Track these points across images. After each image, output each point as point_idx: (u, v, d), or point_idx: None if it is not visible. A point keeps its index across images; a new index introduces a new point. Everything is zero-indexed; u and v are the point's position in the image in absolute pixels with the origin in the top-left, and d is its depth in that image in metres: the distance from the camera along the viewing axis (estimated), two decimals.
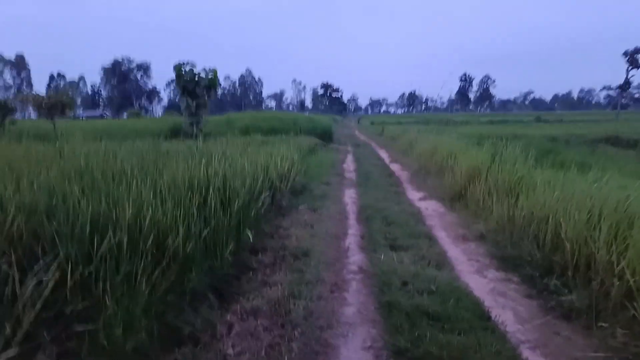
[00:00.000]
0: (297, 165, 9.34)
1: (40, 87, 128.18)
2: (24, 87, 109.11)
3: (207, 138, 17.23)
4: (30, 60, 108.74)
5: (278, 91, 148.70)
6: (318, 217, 6.57)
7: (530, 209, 5.12)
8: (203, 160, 5.44)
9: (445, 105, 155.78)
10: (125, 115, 74.04)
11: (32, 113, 17.83)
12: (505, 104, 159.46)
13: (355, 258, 4.84)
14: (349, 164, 13.78)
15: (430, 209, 7.43)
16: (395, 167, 12.88)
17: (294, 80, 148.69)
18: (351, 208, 7.37)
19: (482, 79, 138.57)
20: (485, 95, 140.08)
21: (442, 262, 4.59)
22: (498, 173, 6.93)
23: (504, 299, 3.87)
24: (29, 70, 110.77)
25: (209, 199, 4.38)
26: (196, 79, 17.89)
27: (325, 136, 21.37)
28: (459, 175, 7.95)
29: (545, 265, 4.21)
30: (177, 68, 17.85)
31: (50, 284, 2.52)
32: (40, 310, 2.46)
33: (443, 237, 5.79)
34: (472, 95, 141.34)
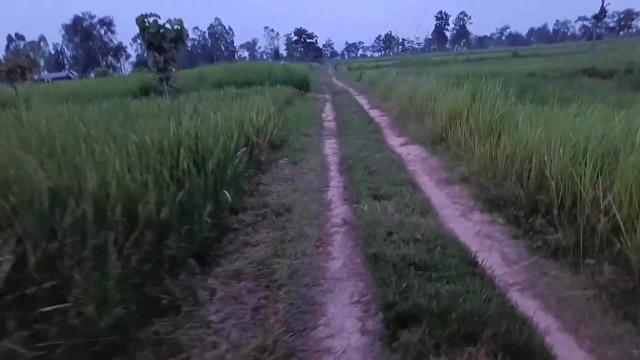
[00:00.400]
0: (275, 118, 9.04)
1: None
2: None
3: (179, 94, 16.60)
4: None
5: (250, 40, 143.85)
6: (299, 171, 6.40)
7: (512, 148, 5.03)
8: (172, 120, 5.13)
9: (422, 46, 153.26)
10: (92, 75, 70.91)
11: None
12: (482, 40, 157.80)
13: (339, 210, 4.73)
14: (328, 113, 13.48)
15: (412, 154, 7.32)
16: (374, 113, 12.65)
17: (267, 28, 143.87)
18: (332, 159, 7.21)
19: (458, 16, 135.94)
20: (461, 33, 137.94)
21: (426, 208, 4.52)
22: (479, 113, 6.79)
23: (490, 241, 3.84)
24: None
25: (180, 161, 4.15)
26: (161, 31, 16.94)
27: (302, 85, 20.77)
28: (440, 118, 7.80)
29: (530, 205, 4.16)
30: (140, 20, 16.78)
31: (9, 264, 2.33)
32: (1, 293, 2.29)
33: (426, 182, 5.71)
34: (448, 34, 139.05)
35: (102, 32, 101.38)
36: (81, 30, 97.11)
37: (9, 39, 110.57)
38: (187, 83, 19.62)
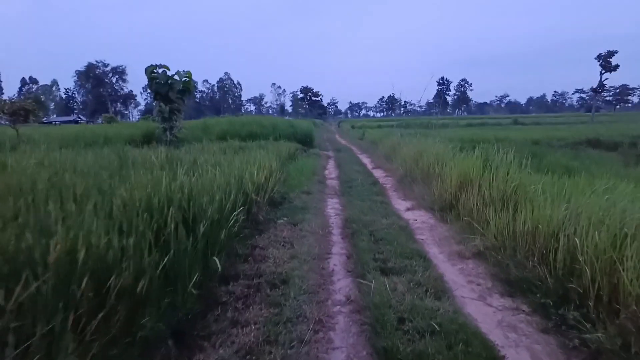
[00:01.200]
0: (276, 174, 8.70)
1: (11, 91, 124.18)
2: None
3: (182, 144, 16.46)
4: (0, 64, 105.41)
5: (258, 95, 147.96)
6: (299, 233, 5.94)
7: (534, 222, 4.60)
8: (165, 174, 4.75)
9: (423, 109, 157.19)
10: (100, 120, 72.02)
11: None
12: (482, 106, 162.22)
13: (342, 284, 4.23)
14: (331, 170, 13.20)
15: (419, 220, 6.89)
16: (378, 174, 12.36)
17: (274, 84, 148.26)
18: (335, 221, 6.77)
19: (459, 83, 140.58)
20: (462, 98, 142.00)
21: (440, 288, 4.01)
22: (491, 181, 6.43)
23: (516, 335, 3.31)
24: None
25: (168, 221, 3.71)
26: (169, 82, 17.08)
27: (306, 141, 20.75)
28: (449, 183, 7.44)
29: (559, 292, 3.67)
30: (149, 71, 16.97)
31: None
32: None
33: (437, 254, 5.23)
34: (449, 99, 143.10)
35: (114, 80, 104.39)
36: (93, 77, 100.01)
37: (23, 81, 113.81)
38: (191, 133, 19.59)
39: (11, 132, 15.96)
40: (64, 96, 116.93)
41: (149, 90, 17.60)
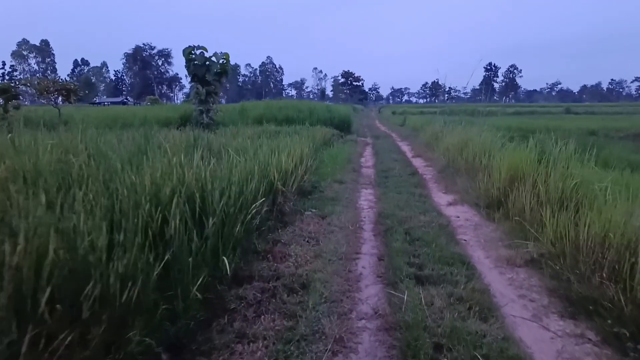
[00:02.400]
0: (308, 161, 8.20)
1: (64, 72, 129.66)
2: (49, 72, 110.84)
3: (218, 128, 16.27)
4: (54, 46, 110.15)
5: (299, 79, 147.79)
6: (326, 227, 5.42)
7: (602, 229, 3.87)
8: (176, 159, 4.32)
9: (469, 96, 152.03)
10: (145, 102, 74.02)
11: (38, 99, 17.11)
12: (531, 94, 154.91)
13: (370, 292, 3.68)
14: (368, 158, 12.55)
15: (462, 217, 6.20)
16: (418, 163, 11.60)
17: (315, 69, 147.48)
18: (367, 215, 6.20)
19: (508, 69, 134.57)
20: (511, 85, 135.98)
21: (486, 305, 3.39)
22: (548, 176, 5.66)
23: None
24: (54, 56, 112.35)
25: (173, 213, 3.27)
26: (207, 64, 16.83)
27: (344, 126, 20.11)
28: (497, 177, 6.67)
29: (638, 320, 2.97)
30: (187, 52, 16.75)
31: None
32: None
33: (482, 259, 4.57)
34: (497, 86, 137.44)
35: (160, 62, 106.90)
36: (140, 60, 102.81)
37: (75, 63, 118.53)
38: (228, 116, 19.41)
39: (54, 111, 16.28)
40: (113, 78, 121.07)
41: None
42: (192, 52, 16.76)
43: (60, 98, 16.23)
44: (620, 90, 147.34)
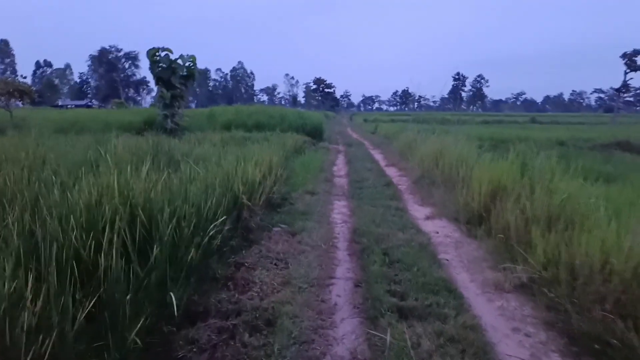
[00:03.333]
0: (278, 171, 7.66)
1: (25, 74, 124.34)
2: (8, 73, 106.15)
3: (182, 133, 15.51)
4: (15, 47, 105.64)
5: (270, 85, 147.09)
6: (297, 247, 4.89)
7: (602, 254, 3.50)
8: (132, 171, 3.72)
9: (437, 104, 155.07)
10: (110, 105, 71.71)
11: None
12: (497, 104, 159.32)
13: (346, 329, 3.17)
14: (340, 167, 12.10)
15: (442, 233, 5.79)
16: (392, 172, 11.23)
17: (287, 75, 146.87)
18: (341, 231, 5.71)
19: (475, 79, 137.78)
20: (478, 94, 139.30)
21: (480, 345, 2.93)
22: (533, 191, 5.32)
23: None
24: (14, 57, 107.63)
25: (105, 240, 2.68)
26: (172, 66, 16.07)
27: (316, 133, 19.63)
28: (477, 191, 6.30)
29: None
30: (151, 54, 15.96)
31: None
32: None
33: (467, 284, 4.14)
34: (464, 95, 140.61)
35: (127, 65, 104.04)
36: (106, 62, 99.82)
37: (37, 64, 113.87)
38: (196, 122, 18.62)
39: (6, 114, 15.14)
40: (78, 80, 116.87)
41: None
42: (157, 54, 15.99)
43: (12, 100, 15.10)
44: (581, 101, 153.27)
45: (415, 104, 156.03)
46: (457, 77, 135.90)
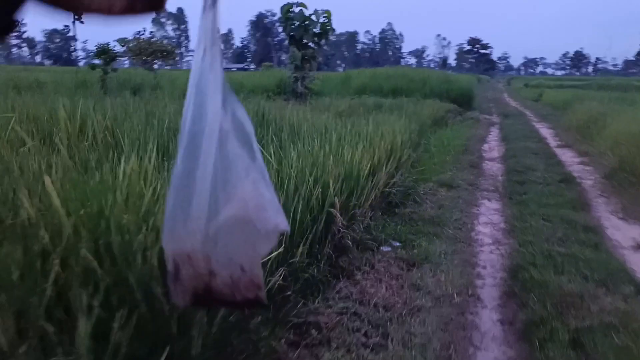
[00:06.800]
0: (402, 153, 5.67)
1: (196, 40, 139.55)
2: (182, 39, 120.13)
3: (313, 97, 14.35)
4: (188, 14, 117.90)
5: (420, 47, 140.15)
6: (410, 295, 2.95)
7: None
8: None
9: (619, 68, 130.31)
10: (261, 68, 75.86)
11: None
12: None
13: None
14: (492, 146, 9.41)
15: None
16: (568, 158, 8.20)
17: (438, 36, 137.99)
18: (490, 263, 3.56)
19: None
20: None
21: None
22: None
23: None
24: (187, 23, 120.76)
25: None
26: (306, 23, 14.69)
27: (464, 101, 16.62)
28: None
29: None
30: (285, 10, 14.67)
31: None
32: None
33: None
34: None
35: (280, 29, 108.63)
36: (262, 27, 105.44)
37: None
38: (330, 85, 17.26)
39: (148, 75, 15.69)
40: (240, 45, 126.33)
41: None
42: (291, 9, 14.76)
43: (156, 61, 15.51)
44: None
45: (591, 67, 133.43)
46: None
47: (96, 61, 15.88)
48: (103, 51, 15.29)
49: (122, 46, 15.64)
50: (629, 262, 3.62)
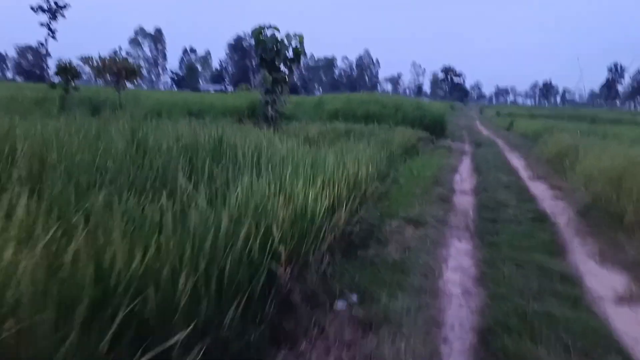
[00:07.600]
0: (368, 186, 5.23)
1: (174, 60, 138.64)
2: (160, 59, 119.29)
3: (283, 122, 14.01)
4: (166, 34, 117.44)
5: (395, 74, 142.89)
6: None
7: None
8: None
9: (585, 99, 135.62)
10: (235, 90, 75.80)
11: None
12: None
13: None
14: (464, 177, 9.12)
15: None
16: (541, 192, 7.94)
17: (414, 63, 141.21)
18: (458, 323, 3.10)
19: (638, 71, 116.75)
20: (638, 89, 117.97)
21: None
22: None
23: None
24: (165, 44, 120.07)
25: None
26: (277, 46, 14.38)
27: (436, 128, 16.52)
28: None
29: None
30: (256, 33, 14.40)
31: None
32: None
33: None
34: (621, 90, 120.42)
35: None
36: (240, 49, 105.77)
37: (184, 51, 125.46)
38: (302, 110, 16.95)
39: (112, 94, 15.02)
40: (218, 67, 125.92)
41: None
42: (262, 32, 14.45)
43: (118, 79, 14.88)
44: None
45: (559, 97, 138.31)
46: (613, 68, 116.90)
47: (56, 79, 15.18)
48: (63, 69, 14.60)
49: (84, 64, 14.98)
50: (613, 321, 3.21)
